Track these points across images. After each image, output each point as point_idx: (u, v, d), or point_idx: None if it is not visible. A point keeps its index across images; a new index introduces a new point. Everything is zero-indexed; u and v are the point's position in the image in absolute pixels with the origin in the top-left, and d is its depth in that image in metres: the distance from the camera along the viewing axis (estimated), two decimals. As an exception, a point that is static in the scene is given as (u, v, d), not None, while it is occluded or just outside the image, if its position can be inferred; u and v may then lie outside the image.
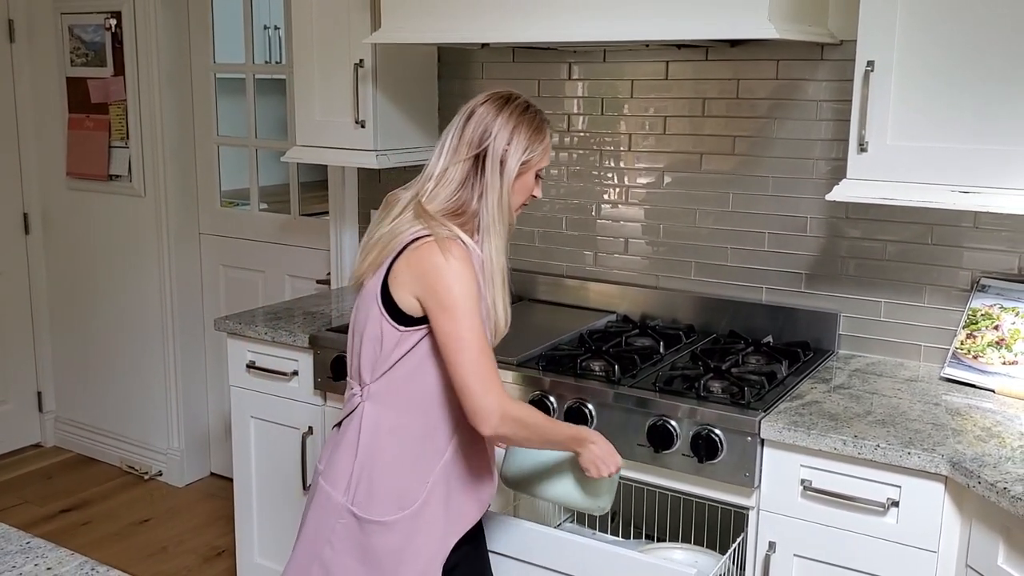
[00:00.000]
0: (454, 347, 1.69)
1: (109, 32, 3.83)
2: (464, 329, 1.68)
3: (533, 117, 1.81)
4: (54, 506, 3.85)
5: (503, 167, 1.77)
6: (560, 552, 2.02)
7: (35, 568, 1.35)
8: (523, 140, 1.78)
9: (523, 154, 1.78)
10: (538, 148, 1.81)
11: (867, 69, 2.03)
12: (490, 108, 1.78)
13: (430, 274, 1.69)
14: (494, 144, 1.76)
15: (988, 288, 2.29)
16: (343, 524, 1.80)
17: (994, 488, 1.69)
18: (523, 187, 1.83)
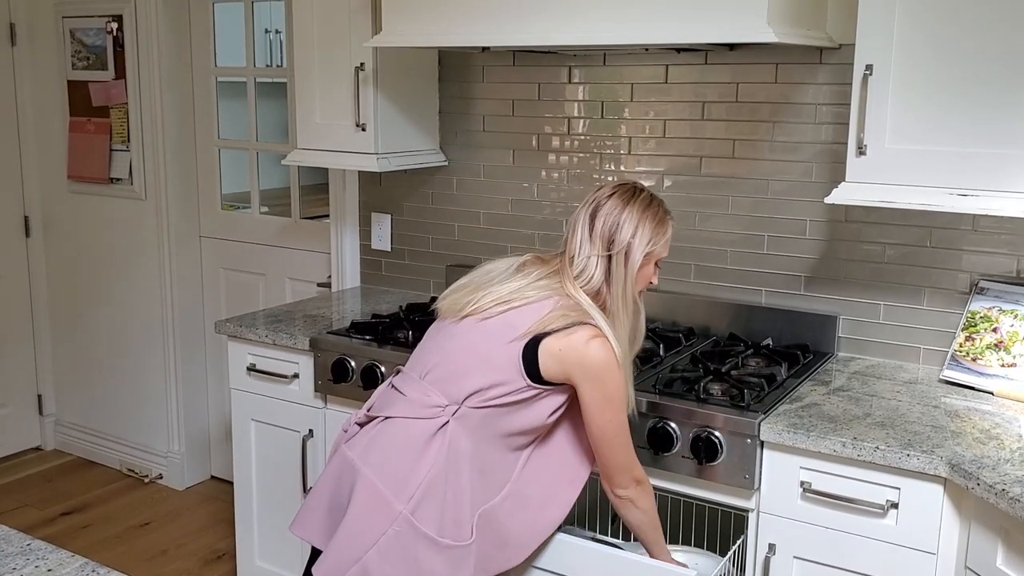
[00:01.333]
0: (614, 432, 1.86)
1: (110, 35, 3.84)
2: (623, 419, 1.87)
3: (656, 210, 1.90)
4: (54, 509, 3.85)
5: (627, 259, 1.87)
6: (560, 554, 2.02)
7: (36, 570, 1.35)
8: (647, 233, 1.88)
9: (647, 246, 1.88)
10: (660, 240, 1.90)
11: (865, 73, 2.04)
12: (616, 202, 1.88)
13: (602, 368, 1.81)
14: (620, 236, 1.86)
15: (987, 291, 2.30)
16: (396, 532, 1.77)
17: (993, 490, 1.69)
18: (644, 276, 1.92)
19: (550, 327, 1.81)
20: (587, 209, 1.90)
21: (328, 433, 2.68)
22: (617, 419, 1.86)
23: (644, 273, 1.91)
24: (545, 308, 1.84)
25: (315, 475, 2.72)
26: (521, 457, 1.92)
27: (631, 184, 1.94)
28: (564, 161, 2.89)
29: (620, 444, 1.88)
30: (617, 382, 1.83)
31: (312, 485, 2.03)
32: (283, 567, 2.87)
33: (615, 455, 1.88)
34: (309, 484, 2.72)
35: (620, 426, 1.87)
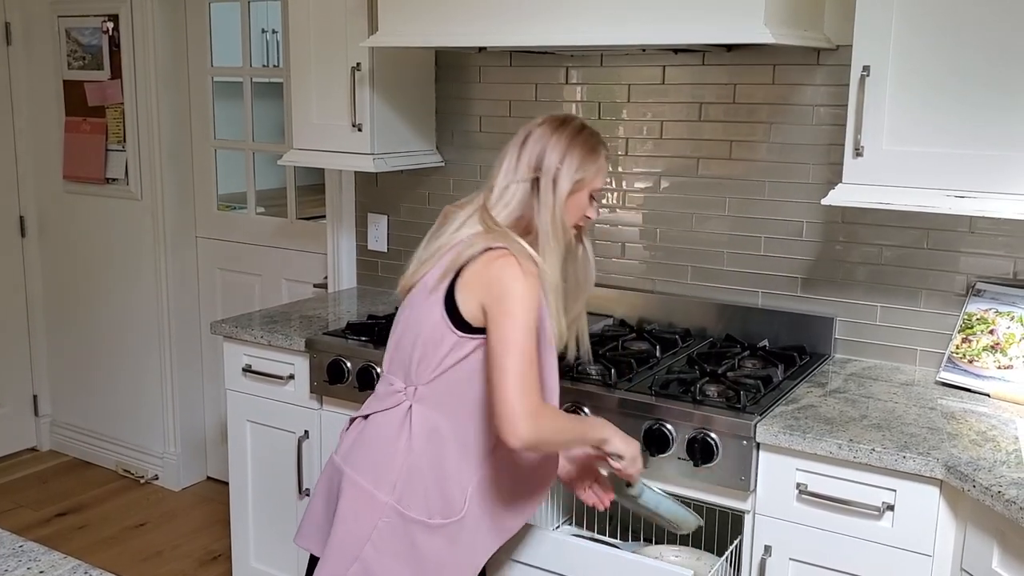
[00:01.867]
0: (502, 351, 1.68)
1: (106, 35, 3.83)
2: (520, 337, 1.68)
3: (588, 138, 1.86)
4: (49, 510, 3.84)
5: (555, 185, 1.81)
6: (558, 554, 2.02)
7: (27, 572, 1.35)
8: (575, 159, 1.83)
9: (576, 172, 1.82)
10: (591, 168, 1.85)
11: (863, 74, 2.04)
12: (545, 130, 1.84)
13: (503, 283, 1.71)
14: (547, 163, 1.81)
15: (984, 292, 2.30)
16: (387, 523, 1.79)
17: (989, 492, 1.69)
18: (576, 206, 1.86)
19: (459, 265, 1.76)
20: (517, 140, 1.86)
21: (324, 434, 2.67)
22: (511, 336, 1.67)
23: (577, 203, 1.85)
24: (455, 250, 1.80)
25: (311, 476, 2.71)
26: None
27: (563, 114, 1.91)
28: (561, 162, 2.88)
29: (509, 368, 1.66)
30: (519, 296, 1.69)
31: (310, 494, 2.02)
32: (278, 568, 2.87)
33: (501, 385, 1.66)
34: (305, 485, 2.71)
35: (513, 344, 1.67)
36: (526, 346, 1.68)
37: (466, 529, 1.82)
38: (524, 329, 1.68)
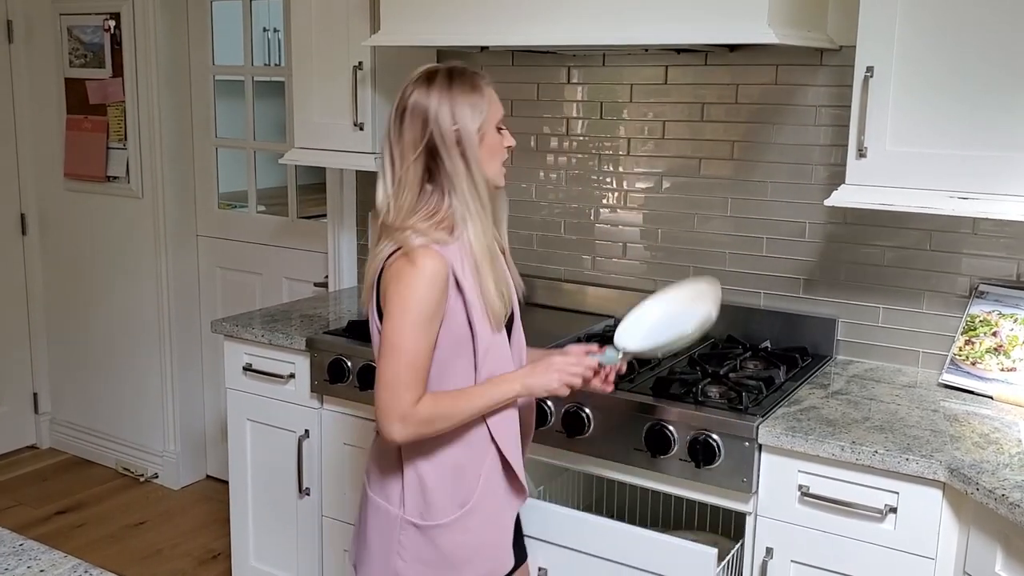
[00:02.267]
0: (379, 354, 1.68)
1: (108, 33, 3.82)
2: (396, 338, 1.65)
3: (462, 79, 1.71)
4: (49, 508, 3.83)
5: (461, 147, 1.68)
6: (585, 533, 2.06)
7: (28, 571, 1.34)
8: (466, 107, 1.68)
9: (473, 122, 1.68)
10: (483, 104, 1.70)
11: (866, 75, 2.03)
12: (419, 95, 1.69)
13: (389, 287, 1.67)
14: (439, 129, 1.67)
15: (987, 294, 2.29)
16: (407, 535, 1.79)
17: (992, 495, 1.68)
18: (492, 149, 1.74)
19: (373, 284, 1.73)
20: (394, 119, 1.72)
21: (324, 433, 2.67)
22: (386, 340, 1.66)
23: (491, 145, 1.73)
24: (370, 270, 1.75)
25: (311, 476, 2.71)
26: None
27: (424, 69, 1.75)
28: (562, 162, 2.88)
29: (381, 374, 1.67)
30: (399, 295, 1.65)
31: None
32: (278, 568, 2.86)
33: (375, 388, 1.68)
34: (305, 484, 2.71)
35: (385, 349, 1.66)
36: (405, 345, 1.64)
37: (485, 508, 1.80)
38: (402, 329, 1.64)
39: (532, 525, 2.09)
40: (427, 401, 1.69)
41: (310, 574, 2.78)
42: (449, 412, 1.71)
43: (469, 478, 1.79)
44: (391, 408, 1.67)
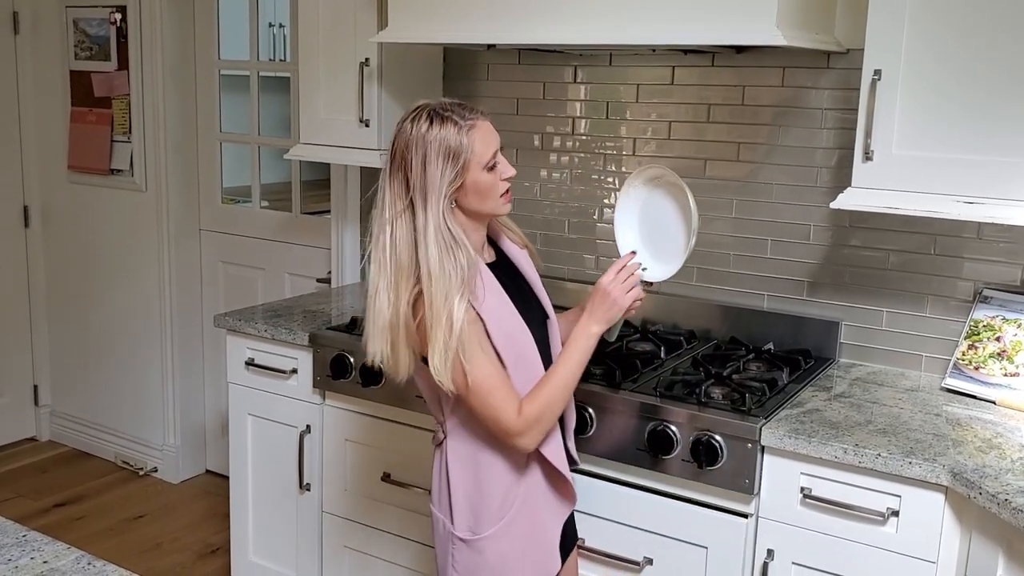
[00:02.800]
0: (468, 395, 1.76)
1: (114, 26, 3.82)
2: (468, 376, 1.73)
3: (445, 122, 1.72)
4: (48, 500, 3.83)
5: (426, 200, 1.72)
6: (619, 503, 2.17)
7: (31, 561, 1.34)
8: (442, 155, 1.71)
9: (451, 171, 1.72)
10: (467, 146, 1.72)
11: (874, 78, 2.03)
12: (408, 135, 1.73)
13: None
14: (412, 179, 1.72)
15: (990, 299, 2.29)
16: (456, 549, 1.87)
17: (995, 499, 1.68)
18: (485, 187, 1.77)
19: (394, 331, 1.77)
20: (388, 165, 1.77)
21: (326, 429, 2.67)
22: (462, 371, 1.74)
23: (479, 184, 1.75)
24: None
25: (312, 471, 2.71)
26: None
27: (413, 109, 1.76)
28: (566, 161, 2.88)
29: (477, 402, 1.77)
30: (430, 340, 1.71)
31: None
32: (277, 563, 2.86)
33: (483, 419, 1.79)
34: (306, 480, 2.71)
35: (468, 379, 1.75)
36: (478, 378, 1.72)
37: (530, 516, 1.86)
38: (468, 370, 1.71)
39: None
40: (526, 405, 1.77)
41: (309, 570, 2.78)
42: (550, 398, 1.79)
43: (511, 488, 1.85)
44: (506, 431, 1.77)
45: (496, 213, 1.83)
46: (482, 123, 1.76)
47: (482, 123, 1.76)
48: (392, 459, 2.56)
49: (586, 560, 2.23)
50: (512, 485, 1.85)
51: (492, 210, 1.81)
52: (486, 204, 1.78)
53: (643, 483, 2.16)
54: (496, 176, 1.78)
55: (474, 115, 1.76)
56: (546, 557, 1.90)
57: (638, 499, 2.15)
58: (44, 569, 1.32)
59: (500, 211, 1.83)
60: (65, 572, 1.32)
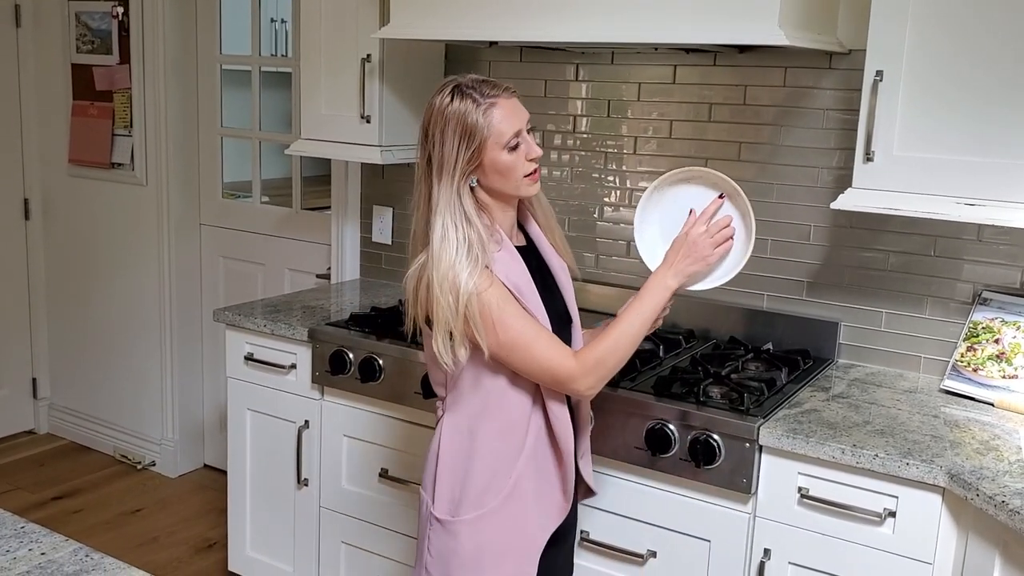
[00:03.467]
0: (513, 355, 1.73)
1: (116, 20, 3.82)
2: (508, 335, 1.71)
3: (464, 99, 1.71)
4: (46, 493, 3.83)
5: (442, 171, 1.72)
6: (623, 496, 2.16)
7: (29, 553, 1.34)
8: (458, 131, 1.70)
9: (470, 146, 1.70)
10: (485, 124, 1.70)
11: (876, 79, 2.03)
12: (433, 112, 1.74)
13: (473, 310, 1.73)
14: (435, 153, 1.73)
15: (990, 301, 2.29)
16: (432, 530, 1.83)
17: (992, 501, 1.69)
18: (507, 167, 1.73)
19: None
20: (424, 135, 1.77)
21: (324, 424, 2.67)
22: (500, 332, 1.73)
23: (503, 164, 1.72)
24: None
25: (310, 466, 2.71)
26: (529, 403, 1.81)
27: (441, 83, 1.77)
28: (567, 159, 2.88)
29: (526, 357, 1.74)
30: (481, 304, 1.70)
31: None
32: (274, 557, 2.86)
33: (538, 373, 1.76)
34: (304, 475, 2.71)
35: (509, 337, 1.73)
36: (517, 337, 1.71)
37: (512, 512, 1.80)
38: (504, 332, 1.70)
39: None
40: (586, 351, 1.75)
41: (306, 564, 2.78)
42: (613, 344, 1.75)
43: (499, 475, 1.79)
44: (561, 377, 1.73)
45: (520, 194, 1.79)
46: (505, 101, 1.73)
47: (505, 101, 1.73)
48: (390, 455, 2.56)
49: (590, 552, 2.23)
50: (501, 472, 1.79)
51: (515, 191, 1.77)
52: (508, 184, 1.75)
53: (641, 482, 2.16)
54: (518, 156, 1.74)
55: (496, 92, 1.72)
56: (521, 565, 1.82)
57: (642, 492, 2.15)
58: (42, 560, 1.32)
59: (524, 192, 1.78)
60: (62, 564, 1.32)
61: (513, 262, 1.77)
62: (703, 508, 2.09)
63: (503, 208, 1.80)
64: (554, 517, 1.87)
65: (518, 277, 1.76)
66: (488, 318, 1.68)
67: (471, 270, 1.67)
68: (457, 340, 1.69)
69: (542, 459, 1.84)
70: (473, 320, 1.68)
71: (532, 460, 1.82)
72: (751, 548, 2.05)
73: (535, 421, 1.81)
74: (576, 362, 1.73)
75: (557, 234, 1.94)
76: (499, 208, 1.79)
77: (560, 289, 1.91)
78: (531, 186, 1.78)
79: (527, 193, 1.79)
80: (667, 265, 1.82)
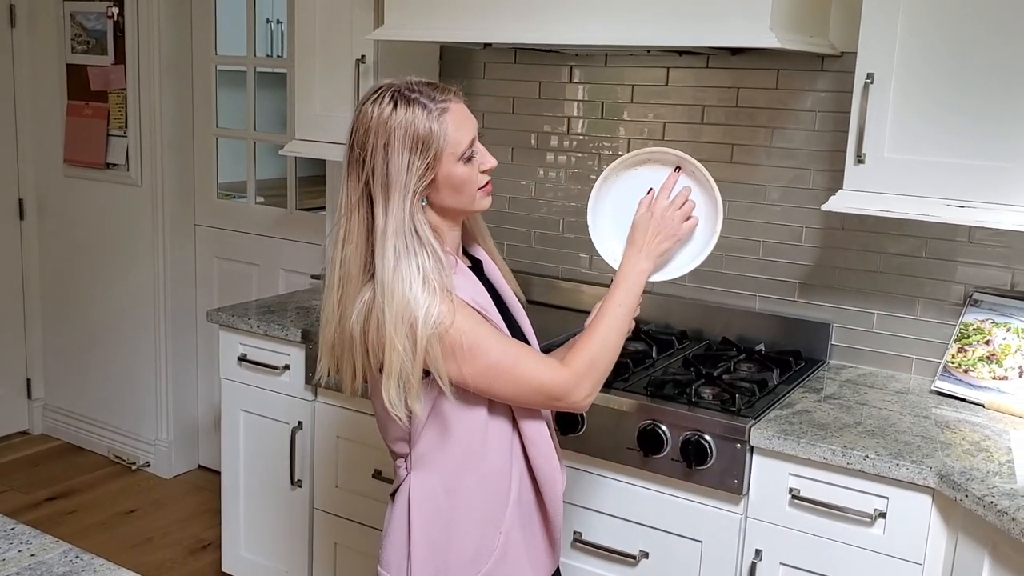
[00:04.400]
0: (498, 380, 1.54)
1: (111, 20, 3.82)
2: (489, 357, 1.53)
3: (412, 105, 1.49)
4: (40, 494, 3.83)
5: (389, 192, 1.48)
6: (615, 497, 2.15)
7: (19, 554, 1.35)
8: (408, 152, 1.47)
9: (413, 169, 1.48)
10: (432, 146, 1.48)
11: (867, 81, 2.04)
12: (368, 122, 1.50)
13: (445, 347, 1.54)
14: (377, 172, 1.48)
15: (981, 303, 2.30)
16: None
17: (981, 502, 1.69)
18: (461, 181, 1.53)
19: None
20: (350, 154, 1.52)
21: (317, 425, 2.67)
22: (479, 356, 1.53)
23: (459, 177, 1.52)
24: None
25: (303, 467, 2.71)
26: (507, 446, 1.63)
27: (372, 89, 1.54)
28: (562, 161, 2.89)
29: (512, 379, 1.56)
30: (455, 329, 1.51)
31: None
32: (268, 558, 2.87)
33: (528, 393, 1.57)
34: (297, 476, 2.71)
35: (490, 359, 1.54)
36: (498, 359, 1.52)
37: (507, 572, 1.64)
38: (484, 356, 1.52)
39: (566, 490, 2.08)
40: (571, 357, 1.58)
41: (299, 565, 2.79)
42: (599, 346, 1.59)
43: (487, 536, 1.61)
44: (554, 393, 1.55)
45: (473, 209, 1.59)
46: (456, 105, 1.53)
47: (456, 105, 1.53)
48: (383, 456, 2.55)
49: (583, 554, 2.24)
50: (489, 530, 1.60)
51: (468, 206, 1.57)
52: (462, 199, 1.55)
53: (633, 482, 2.17)
54: (473, 168, 1.55)
55: (447, 96, 1.52)
56: None
57: (634, 493, 2.15)
58: (31, 562, 1.32)
59: (479, 207, 1.59)
60: (52, 565, 1.32)
61: (470, 282, 1.60)
62: (695, 509, 2.09)
63: (451, 227, 1.61)
64: (547, 566, 1.71)
65: (482, 296, 1.59)
66: (462, 348, 1.48)
67: (429, 304, 1.46)
68: (413, 391, 1.47)
69: (527, 506, 1.66)
70: (437, 360, 1.47)
71: (518, 507, 1.64)
72: (742, 549, 2.06)
73: (517, 464, 1.63)
74: (568, 371, 1.56)
75: (498, 257, 1.77)
76: (447, 227, 1.60)
77: (513, 312, 1.73)
78: (485, 199, 1.60)
79: (481, 207, 1.60)
80: (636, 248, 1.65)
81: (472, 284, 1.60)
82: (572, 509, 2.22)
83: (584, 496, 2.21)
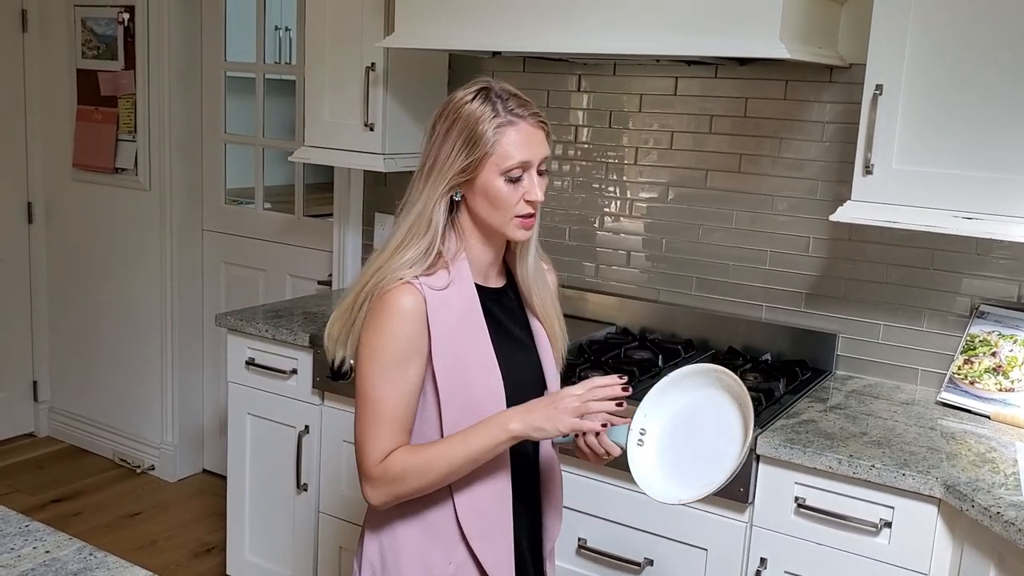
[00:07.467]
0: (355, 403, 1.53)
1: (122, 26, 3.84)
2: (360, 384, 1.50)
3: (472, 111, 1.51)
4: (45, 496, 3.84)
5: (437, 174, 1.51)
6: (619, 504, 2.15)
7: (33, 551, 1.36)
8: (461, 140, 1.50)
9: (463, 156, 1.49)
10: (479, 147, 1.48)
11: (875, 92, 2.05)
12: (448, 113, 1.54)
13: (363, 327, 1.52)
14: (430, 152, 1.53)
15: (987, 315, 2.31)
16: None
17: (988, 512, 1.70)
18: (493, 193, 1.50)
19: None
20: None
21: (324, 429, 2.68)
22: (360, 375, 1.50)
23: (494, 191, 1.49)
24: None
25: (310, 471, 2.72)
26: None
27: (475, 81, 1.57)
28: (568, 169, 2.90)
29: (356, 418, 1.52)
30: (361, 344, 1.50)
31: None
32: (273, 562, 2.87)
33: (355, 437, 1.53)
34: (303, 480, 2.72)
35: (360, 387, 1.50)
36: (369, 395, 1.48)
37: None
38: (364, 379, 1.49)
39: (570, 496, 2.13)
40: (398, 456, 1.48)
41: (305, 569, 2.79)
42: (423, 466, 1.48)
43: (440, 548, 1.56)
44: (360, 467, 1.51)
45: (506, 234, 1.54)
46: (526, 125, 1.50)
47: (526, 125, 1.50)
48: (389, 461, 2.57)
49: (587, 560, 2.24)
50: (445, 545, 1.55)
51: (500, 227, 1.53)
52: (494, 216, 1.52)
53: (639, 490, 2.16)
54: (515, 191, 1.50)
55: (522, 113, 1.51)
56: None
57: (639, 500, 2.15)
58: (46, 559, 1.34)
59: (512, 235, 1.54)
60: (67, 562, 1.33)
61: (459, 299, 1.52)
62: (700, 517, 2.10)
63: (482, 242, 1.57)
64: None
65: (457, 317, 1.51)
66: (364, 347, 1.48)
67: (390, 278, 1.48)
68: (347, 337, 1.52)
69: (480, 517, 1.57)
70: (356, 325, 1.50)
71: (469, 520, 1.56)
72: (747, 557, 2.06)
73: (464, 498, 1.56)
74: (380, 468, 1.48)
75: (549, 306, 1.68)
76: (477, 239, 1.56)
77: (535, 340, 1.65)
78: (520, 230, 1.53)
79: (514, 236, 1.54)
80: (522, 409, 1.49)
81: (457, 300, 1.53)
82: (577, 516, 2.23)
83: (589, 503, 2.22)
